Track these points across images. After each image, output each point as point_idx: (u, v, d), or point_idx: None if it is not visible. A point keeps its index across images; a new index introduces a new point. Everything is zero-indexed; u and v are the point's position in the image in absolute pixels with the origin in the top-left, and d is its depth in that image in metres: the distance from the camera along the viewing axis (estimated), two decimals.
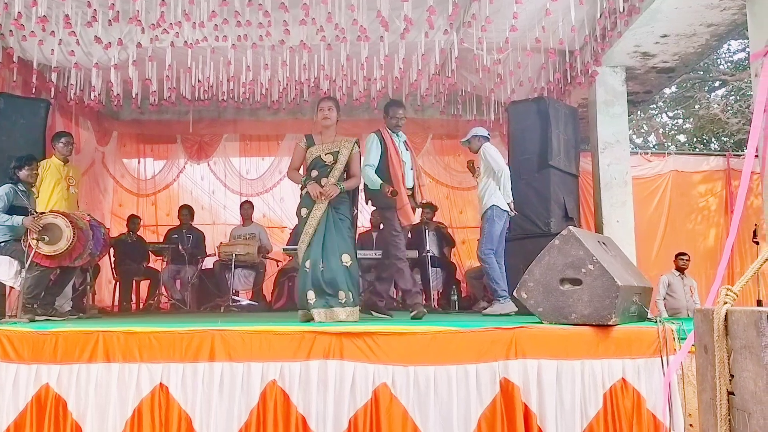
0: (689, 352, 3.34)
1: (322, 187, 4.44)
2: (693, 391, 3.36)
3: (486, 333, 3.52)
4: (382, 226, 5.92)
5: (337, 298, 4.23)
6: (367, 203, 5.32)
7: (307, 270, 4.35)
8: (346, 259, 4.35)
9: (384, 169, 5.09)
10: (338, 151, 4.60)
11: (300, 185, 4.66)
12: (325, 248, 4.34)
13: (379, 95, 7.57)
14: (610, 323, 3.51)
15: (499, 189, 5.59)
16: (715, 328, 1.84)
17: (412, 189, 5.24)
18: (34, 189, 5.38)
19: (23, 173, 5.12)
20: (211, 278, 8.05)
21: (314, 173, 4.57)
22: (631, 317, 3.82)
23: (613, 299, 3.48)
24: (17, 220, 4.79)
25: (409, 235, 8.44)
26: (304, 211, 4.53)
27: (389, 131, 5.33)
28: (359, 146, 4.82)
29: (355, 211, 4.92)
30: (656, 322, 3.64)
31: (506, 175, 5.61)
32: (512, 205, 5.67)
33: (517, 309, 5.16)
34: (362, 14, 5.68)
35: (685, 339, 3.45)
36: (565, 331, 3.55)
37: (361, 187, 5.09)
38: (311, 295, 4.28)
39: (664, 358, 3.52)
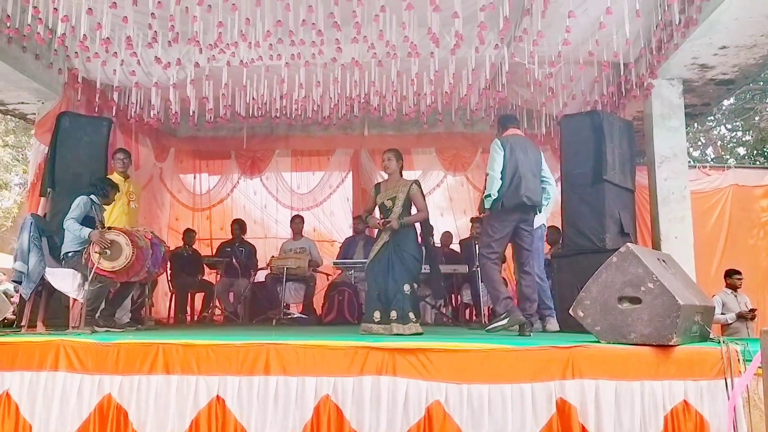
0: (755, 374, 3.22)
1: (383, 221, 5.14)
2: (760, 415, 3.23)
3: (541, 351, 3.46)
4: None
5: (396, 317, 4.83)
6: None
7: (371, 292, 5.06)
8: (407, 288, 4.93)
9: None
10: (395, 196, 5.17)
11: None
12: (386, 275, 4.97)
13: (429, 110, 7.61)
14: (671, 343, 3.40)
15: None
16: None
17: None
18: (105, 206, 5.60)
19: (113, 193, 5.43)
20: (263, 291, 8.17)
21: (380, 216, 5.33)
22: (693, 337, 3.69)
23: (674, 319, 3.38)
24: (86, 232, 4.97)
25: (459, 250, 8.47)
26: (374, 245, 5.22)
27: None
28: (420, 185, 5.31)
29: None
30: (719, 342, 3.51)
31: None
32: None
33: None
34: (413, 31, 5.73)
35: (750, 360, 3.31)
36: (623, 350, 3.45)
37: None
38: (377, 314, 4.95)
39: (729, 380, 3.38)
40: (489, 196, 4.98)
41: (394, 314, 4.83)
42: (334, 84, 6.95)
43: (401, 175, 5.37)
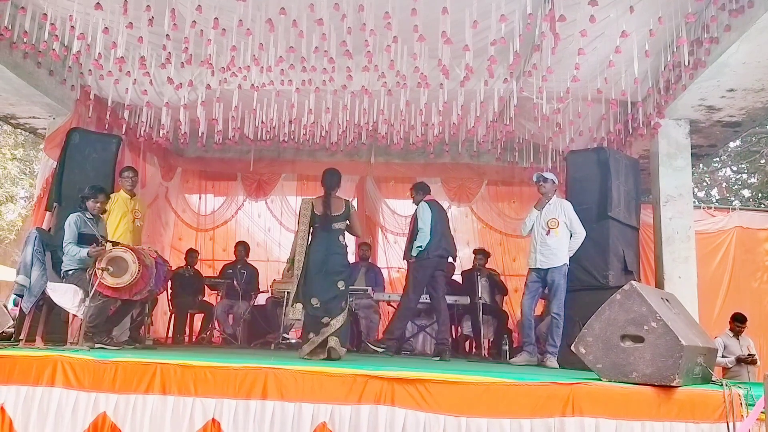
0: (758, 419, 3.18)
1: None
2: None
3: (542, 387, 3.42)
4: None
5: None
6: None
7: None
8: None
9: None
10: None
11: None
12: None
13: (436, 140, 7.66)
14: (673, 384, 3.36)
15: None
16: None
17: None
18: (102, 216, 5.59)
19: (89, 204, 5.33)
20: (263, 315, 8.13)
21: None
22: (695, 379, 3.65)
23: (677, 359, 3.35)
24: (84, 252, 4.98)
25: (461, 281, 8.44)
26: None
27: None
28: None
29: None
30: (722, 385, 3.47)
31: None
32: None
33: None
34: (424, 62, 5.80)
35: (753, 405, 3.27)
36: (625, 389, 3.42)
37: None
38: None
39: (731, 425, 3.34)
40: (420, 247, 6.07)
41: None
42: (343, 111, 7.01)
43: None
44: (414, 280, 6.24)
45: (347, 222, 5.28)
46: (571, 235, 5.83)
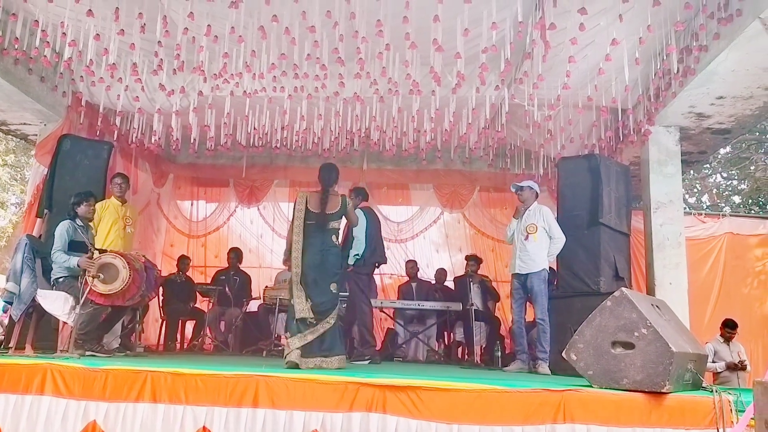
0: (748, 425, 3.19)
1: None
2: None
3: (533, 394, 3.43)
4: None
5: None
6: None
7: None
8: None
9: None
10: None
11: None
12: None
13: (428, 147, 7.68)
14: (663, 390, 3.38)
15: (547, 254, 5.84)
16: None
17: None
18: (92, 224, 5.57)
19: (81, 209, 5.31)
20: (255, 321, 8.10)
21: None
22: (685, 385, 3.67)
23: (667, 366, 3.37)
24: (74, 261, 4.95)
25: (453, 287, 8.45)
26: None
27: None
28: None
29: None
30: (712, 391, 3.49)
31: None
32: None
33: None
34: (416, 69, 5.82)
35: (743, 411, 3.29)
36: (616, 396, 3.43)
37: None
38: None
39: (721, 431, 3.35)
40: (357, 255, 6.22)
41: None
42: (336, 117, 7.02)
43: None
44: (357, 289, 6.31)
45: (341, 220, 5.15)
46: (551, 240, 5.86)
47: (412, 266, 8.61)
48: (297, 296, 4.76)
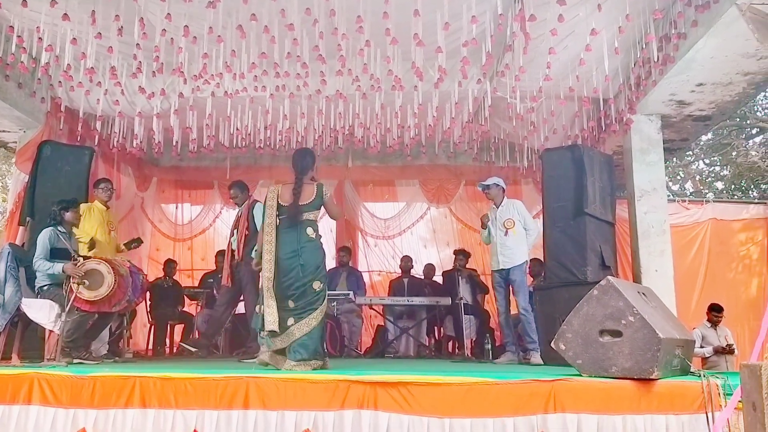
0: (736, 408, 3.21)
1: None
2: None
3: (524, 385, 3.44)
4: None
5: None
6: None
7: None
8: None
9: None
10: None
11: None
12: None
13: (413, 142, 7.68)
14: (652, 377, 3.40)
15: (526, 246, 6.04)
16: (763, 385, 1.78)
17: None
18: (75, 230, 5.50)
19: (69, 215, 5.24)
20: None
21: None
22: (674, 371, 3.70)
23: (655, 352, 3.39)
24: (58, 268, 4.88)
25: (442, 282, 8.46)
26: None
27: None
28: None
29: None
30: (700, 376, 3.51)
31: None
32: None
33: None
34: (397, 65, 5.81)
35: (731, 394, 3.32)
36: (605, 384, 3.45)
37: None
38: None
39: (710, 415, 3.38)
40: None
41: None
42: (319, 115, 7.00)
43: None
44: (254, 281, 5.60)
45: (319, 211, 4.60)
46: (527, 233, 6.04)
47: (406, 262, 8.60)
48: (268, 305, 4.24)
